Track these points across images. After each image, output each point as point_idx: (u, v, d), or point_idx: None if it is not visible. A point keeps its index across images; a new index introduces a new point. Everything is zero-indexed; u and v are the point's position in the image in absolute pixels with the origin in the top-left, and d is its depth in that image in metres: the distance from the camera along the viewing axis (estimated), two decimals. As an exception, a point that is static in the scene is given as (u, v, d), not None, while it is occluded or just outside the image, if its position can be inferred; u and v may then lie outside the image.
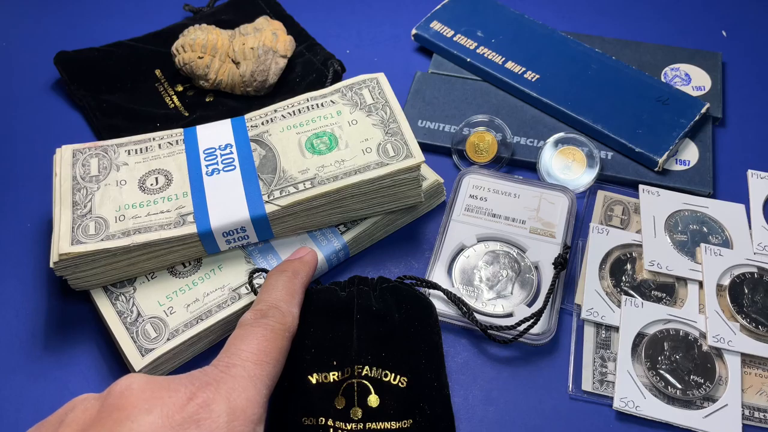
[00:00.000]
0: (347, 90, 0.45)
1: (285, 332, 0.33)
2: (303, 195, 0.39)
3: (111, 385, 0.28)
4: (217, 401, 0.28)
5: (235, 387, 0.29)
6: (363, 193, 0.41)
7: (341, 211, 0.41)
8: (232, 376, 0.30)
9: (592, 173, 0.46)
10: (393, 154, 0.41)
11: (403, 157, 0.41)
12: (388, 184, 0.41)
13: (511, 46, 0.53)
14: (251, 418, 0.29)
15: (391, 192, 0.42)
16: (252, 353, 0.31)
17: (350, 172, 0.40)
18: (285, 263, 0.38)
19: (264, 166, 0.41)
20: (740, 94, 0.52)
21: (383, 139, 0.42)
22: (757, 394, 0.37)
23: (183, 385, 0.29)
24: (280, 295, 0.35)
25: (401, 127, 0.42)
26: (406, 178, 0.41)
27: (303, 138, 0.42)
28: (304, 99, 0.45)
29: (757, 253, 0.42)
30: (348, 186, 0.40)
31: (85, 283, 0.39)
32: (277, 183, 0.40)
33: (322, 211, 0.41)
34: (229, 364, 0.30)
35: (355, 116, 0.43)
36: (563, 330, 0.41)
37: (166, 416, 0.27)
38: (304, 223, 0.41)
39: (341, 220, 0.42)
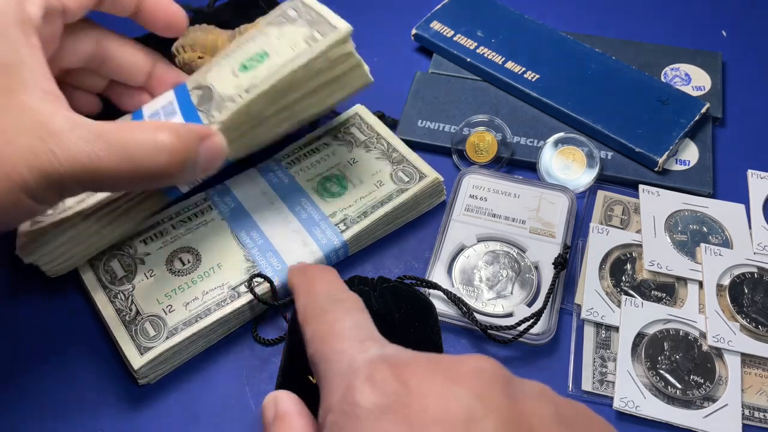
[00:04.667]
0: (272, 17, 0.43)
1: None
2: (240, 104, 0.38)
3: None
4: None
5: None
6: (301, 84, 0.39)
7: (289, 113, 0.40)
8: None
9: (592, 173, 0.46)
10: (320, 38, 0.39)
11: (330, 34, 0.40)
12: (323, 66, 0.39)
13: (511, 46, 0.53)
14: None
15: (330, 76, 0.40)
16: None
17: (281, 67, 0.39)
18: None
19: (202, 100, 0.40)
20: (740, 94, 0.52)
21: (309, 33, 0.40)
22: (757, 394, 0.37)
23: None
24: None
25: (326, 15, 0.41)
26: (340, 56, 0.40)
27: (236, 64, 0.41)
28: (235, 42, 0.43)
29: (757, 253, 0.42)
30: (282, 79, 0.38)
31: (59, 265, 0.39)
32: (215, 106, 0.39)
33: (268, 119, 0.40)
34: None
35: (283, 31, 0.42)
36: (563, 330, 0.41)
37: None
38: (255, 138, 0.40)
39: (294, 124, 0.41)
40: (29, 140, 0.30)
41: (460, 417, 0.20)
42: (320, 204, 0.43)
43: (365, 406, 0.21)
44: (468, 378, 0.22)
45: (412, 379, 0.22)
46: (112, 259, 0.41)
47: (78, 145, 0.31)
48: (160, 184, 0.35)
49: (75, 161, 0.31)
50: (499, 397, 0.21)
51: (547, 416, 0.22)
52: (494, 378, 0.22)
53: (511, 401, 0.21)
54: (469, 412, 0.20)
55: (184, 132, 0.34)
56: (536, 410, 0.22)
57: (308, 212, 0.43)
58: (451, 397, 0.21)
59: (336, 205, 0.43)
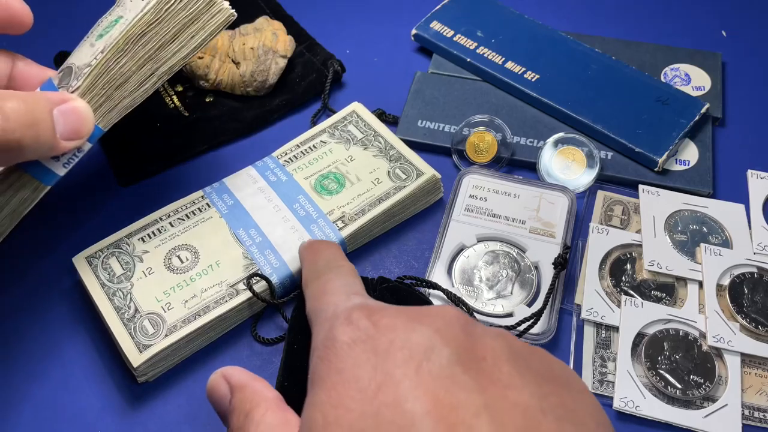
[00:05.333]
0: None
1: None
2: (96, 66, 0.36)
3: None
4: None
5: None
6: (156, 30, 0.37)
7: (153, 65, 0.38)
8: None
9: (592, 173, 0.46)
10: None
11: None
12: (176, 7, 0.37)
13: (511, 46, 0.53)
14: None
15: (186, 16, 0.38)
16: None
17: (132, 19, 0.37)
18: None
19: (62, 80, 0.38)
20: (740, 94, 0.52)
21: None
22: (757, 394, 0.37)
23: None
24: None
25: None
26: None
27: (93, 38, 0.40)
28: (96, 24, 0.42)
29: (757, 253, 0.42)
30: (132, 26, 0.37)
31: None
32: (73, 78, 0.37)
33: (131, 75, 0.38)
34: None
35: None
36: (563, 330, 0.40)
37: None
38: (123, 99, 0.38)
39: (161, 75, 0.39)
40: None
41: (421, 347, 0.23)
42: (318, 201, 0.43)
43: (342, 339, 0.24)
44: (431, 318, 0.25)
45: (383, 319, 0.25)
46: (110, 257, 0.41)
47: None
48: (15, 155, 0.33)
49: None
50: (458, 332, 0.24)
51: (500, 350, 0.24)
52: (455, 319, 0.25)
53: (468, 336, 0.24)
54: (429, 342, 0.23)
55: (29, 97, 0.32)
56: (491, 344, 0.24)
57: (306, 210, 0.43)
58: (414, 332, 0.24)
59: (334, 203, 0.43)
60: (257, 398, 0.27)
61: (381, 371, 0.23)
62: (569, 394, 0.24)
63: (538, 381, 0.23)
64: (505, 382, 0.22)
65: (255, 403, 0.27)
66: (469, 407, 0.21)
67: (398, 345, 0.23)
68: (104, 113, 0.38)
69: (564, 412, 0.22)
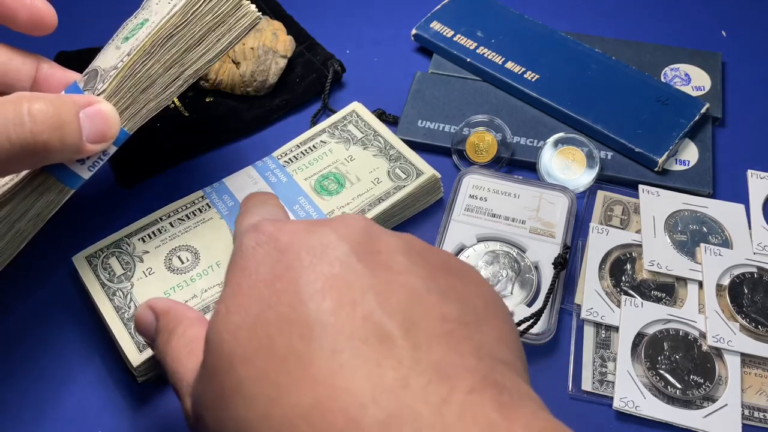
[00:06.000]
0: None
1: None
2: (122, 68, 0.36)
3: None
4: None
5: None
6: (182, 33, 0.37)
7: (179, 68, 0.38)
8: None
9: (592, 173, 0.46)
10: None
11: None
12: (203, 10, 0.37)
13: (511, 46, 0.53)
14: None
15: (213, 19, 0.38)
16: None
17: (159, 22, 0.37)
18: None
19: (88, 83, 0.38)
20: (740, 94, 0.52)
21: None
22: (757, 394, 0.37)
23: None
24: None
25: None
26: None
27: (119, 41, 0.40)
28: (121, 27, 0.42)
29: (757, 253, 0.42)
30: (159, 29, 0.36)
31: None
32: (99, 80, 0.37)
33: (157, 78, 0.38)
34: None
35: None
36: (563, 330, 0.40)
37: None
38: (149, 102, 0.38)
39: (186, 79, 0.39)
40: None
41: (320, 245, 0.25)
42: (318, 202, 0.43)
43: (247, 244, 0.26)
44: (333, 223, 0.26)
45: (287, 225, 0.26)
46: (110, 257, 0.41)
47: None
48: (42, 158, 0.33)
49: None
50: (357, 233, 0.25)
51: (396, 245, 0.25)
52: (356, 223, 0.26)
53: (367, 236, 0.25)
54: (328, 241, 0.25)
55: (57, 99, 0.32)
56: (387, 240, 0.25)
57: (306, 210, 0.43)
58: (315, 234, 0.25)
59: (334, 203, 0.43)
60: (180, 317, 0.29)
61: (280, 264, 0.24)
62: (461, 281, 0.25)
63: (429, 269, 0.25)
64: (396, 269, 0.24)
65: (178, 322, 0.29)
66: (357, 287, 0.23)
67: (298, 243, 0.25)
68: (130, 116, 0.37)
69: (451, 292, 0.24)
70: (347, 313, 0.22)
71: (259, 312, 0.23)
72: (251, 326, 0.23)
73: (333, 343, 0.22)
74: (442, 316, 0.23)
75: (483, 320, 0.24)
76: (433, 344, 0.22)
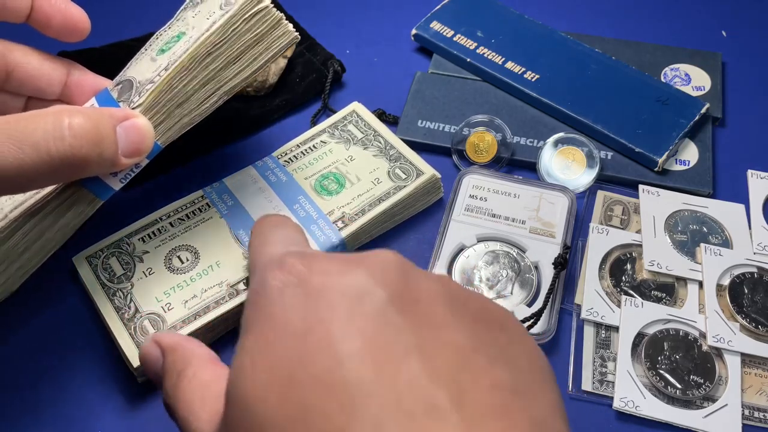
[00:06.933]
0: (187, 2, 0.42)
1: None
2: (159, 83, 0.36)
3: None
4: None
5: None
6: (220, 51, 0.37)
7: (215, 85, 0.38)
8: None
9: (592, 173, 0.46)
10: (234, 1, 0.37)
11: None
12: (242, 28, 0.37)
13: (511, 46, 0.53)
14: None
15: (251, 37, 0.38)
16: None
17: (197, 38, 0.37)
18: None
19: (122, 93, 0.38)
20: (740, 94, 0.52)
21: (223, 1, 0.38)
22: (757, 394, 0.37)
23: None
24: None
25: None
26: (257, 13, 0.37)
27: (153, 52, 0.39)
28: (154, 36, 0.42)
29: (757, 253, 0.42)
30: (199, 47, 0.36)
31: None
32: (135, 93, 0.37)
33: (193, 93, 0.37)
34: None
35: (198, 9, 0.40)
36: (563, 330, 0.40)
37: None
38: (183, 117, 0.38)
39: (222, 95, 0.39)
40: None
41: (354, 289, 0.22)
42: (318, 202, 0.43)
43: (272, 284, 0.23)
44: (367, 262, 0.23)
45: (316, 263, 0.24)
46: (110, 257, 0.41)
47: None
48: (79, 172, 0.33)
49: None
50: (393, 276, 0.23)
51: (436, 292, 0.23)
52: (391, 262, 0.24)
53: (403, 279, 0.23)
54: (363, 285, 0.22)
55: (96, 114, 0.32)
56: (426, 286, 0.23)
57: (306, 210, 0.43)
58: (347, 275, 0.23)
59: (334, 203, 0.43)
60: (189, 356, 0.27)
61: (312, 314, 0.22)
62: (505, 334, 0.23)
63: (472, 322, 0.22)
64: (438, 322, 0.22)
65: (187, 362, 0.27)
66: (400, 346, 0.21)
67: (330, 288, 0.22)
68: (164, 130, 0.37)
69: (497, 352, 0.22)
70: (390, 378, 0.20)
71: (291, 372, 0.21)
72: (282, 389, 0.21)
73: (377, 416, 0.19)
74: (493, 383, 0.21)
75: (535, 387, 0.22)
76: (487, 418, 0.20)
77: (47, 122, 0.31)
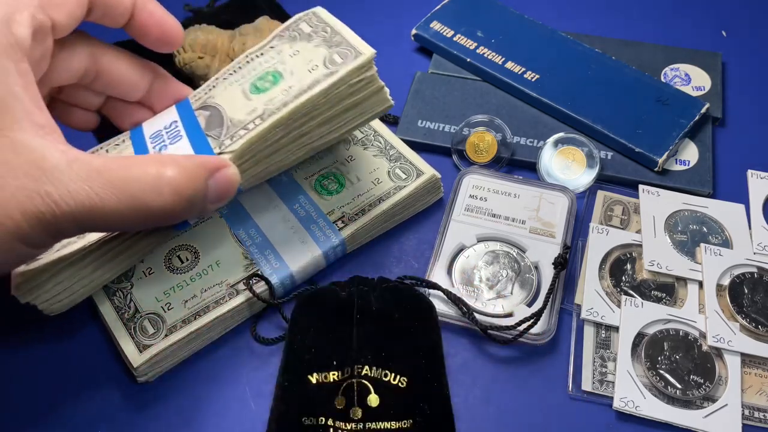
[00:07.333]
0: (284, 31, 0.41)
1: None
2: (254, 132, 0.35)
3: None
4: None
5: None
6: (319, 111, 0.37)
7: (306, 140, 0.38)
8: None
9: (592, 173, 0.46)
10: (341, 61, 0.37)
11: (352, 59, 0.37)
12: (344, 92, 0.37)
13: (511, 46, 0.53)
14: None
15: (351, 102, 0.38)
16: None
17: (299, 93, 0.36)
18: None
19: (211, 124, 0.37)
20: (740, 94, 0.52)
21: (328, 55, 0.38)
22: (757, 394, 0.37)
23: None
24: None
25: (345, 36, 0.39)
26: (361, 81, 0.37)
27: (246, 85, 0.39)
28: (243, 56, 0.41)
29: (757, 253, 0.42)
30: (300, 106, 0.36)
31: (57, 304, 0.37)
32: (226, 133, 0.36)
33: (283, 146, 0.37)
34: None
35: (296, 47, 0.39)
36: (563, 330, 0.40)
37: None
38: (269, 166, 0.38)
39: (310, 150, 0.39)
40: (23, 182, 0.28)
41: None
42: (318, 202, 0.43)
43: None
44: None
45: None
46: (110, 257, 0.41)
47: (76, 184, 0.29)
48: (166, 223, 0.33)
49: (73, 202, 0.29)
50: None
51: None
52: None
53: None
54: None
55: (192, 167, 0.32)
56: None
57: (306, 210, 0.43)
58: None
59: (334, 203, 0.43)
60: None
61: None
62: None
63: None
64: None
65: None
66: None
67: None
68: (248, 177, 0.37)
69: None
70: None
71: None
72: None
73: None
74: None
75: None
76: None
77: (148, 175, 0.30)
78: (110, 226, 0.32)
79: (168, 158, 0.32)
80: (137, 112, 0.42)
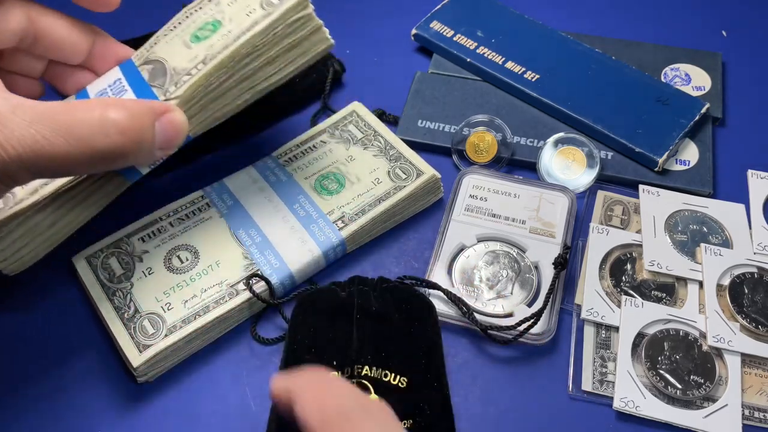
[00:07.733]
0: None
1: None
2: (198, 77, 0.36)
3: None
4: None
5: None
6: (260, 51, 0.38)
7: (250, 83, 0.39)
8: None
9: (592, 173, 0.46)
10: (277, 2, 0.38)
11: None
12: (283, 32, 0.38)
13: (511, 46, 0.53)
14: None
15: (291, 42, 0.39)
16: None
17: (239, 35, 0.37)
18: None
19: (154, 76, 0.38)
20: (740, 94, 0.52)
21: (261, 14, 0.38)
22: (757, 394, 0.37)
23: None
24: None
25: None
26: (299, 20, 0.38)
27: (186, 37, 0.39)
28: (182, 12, 0.42)
29: (757, 253, 0.42)
30: (240, 47, 0.37)
31: (16, 263, 0.37)
32: (170, 81, 0.37)
33: (228, 90, 0.38)
34: None
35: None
36: (563, 330, 0.40)
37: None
38: (216, 111, 0.39)
39: (255, 94, 0.40)
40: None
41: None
42: (318, 202, 0.43)
43: None
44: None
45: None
46: (110, 257, 0.41)
47: (22, 129, 0.29)
48: (116, 165, 0.33)
49: (20, 146, 0.29)
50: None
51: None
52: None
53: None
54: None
55: (137, 108, 0.32)
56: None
57: (306, 210, 0.43)
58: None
59: (334, 203, 0.43)
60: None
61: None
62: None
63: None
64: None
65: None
66: None
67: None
68: (196, 123, 0.38)
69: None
70: None
71: None
72: None
73: None
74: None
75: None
76: None
77: (93, 117, 0.31)
78: (60, 170, 0.32)
79: (113, 101, 0.33)
80: (81, 76, 0.42)
